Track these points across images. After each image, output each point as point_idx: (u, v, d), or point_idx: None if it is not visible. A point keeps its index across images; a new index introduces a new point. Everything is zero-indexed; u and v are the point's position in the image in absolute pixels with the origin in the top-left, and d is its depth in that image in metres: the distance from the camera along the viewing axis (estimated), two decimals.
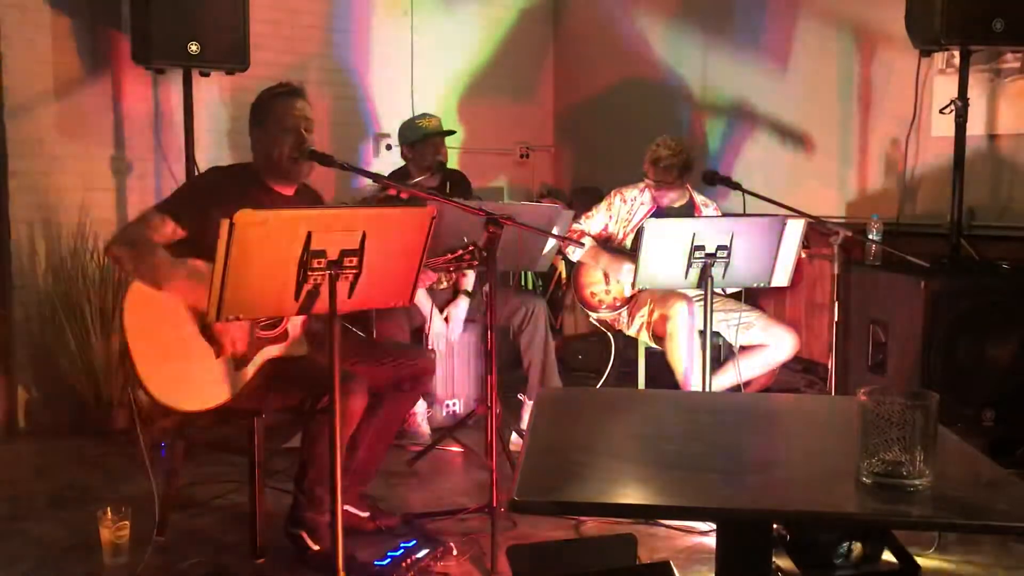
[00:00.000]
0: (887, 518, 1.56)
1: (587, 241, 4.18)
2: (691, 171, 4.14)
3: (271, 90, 2.96)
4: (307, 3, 5.20)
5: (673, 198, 4.20)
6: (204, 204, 2.73)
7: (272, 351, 2.84)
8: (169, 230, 2.75)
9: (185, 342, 2.69)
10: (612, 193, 4.27)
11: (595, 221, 4.25)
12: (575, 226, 4.20)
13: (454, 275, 4.24)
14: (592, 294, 4.25)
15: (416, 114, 4.57)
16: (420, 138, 4.30)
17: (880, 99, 4.57)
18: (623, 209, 4.21)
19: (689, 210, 4.22)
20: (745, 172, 5.08)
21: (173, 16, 4.01)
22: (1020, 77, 4.00)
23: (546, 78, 6.39)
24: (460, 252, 2.93)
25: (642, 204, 4.21)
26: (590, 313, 4.31)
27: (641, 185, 4.23)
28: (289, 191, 2.98)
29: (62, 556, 2.93)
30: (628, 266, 3.99)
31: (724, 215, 4.34)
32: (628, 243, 4.18)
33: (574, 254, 4.20)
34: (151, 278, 2.65)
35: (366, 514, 3.08)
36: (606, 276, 4.21)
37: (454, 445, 3.99)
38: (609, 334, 4.33)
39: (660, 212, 4.17)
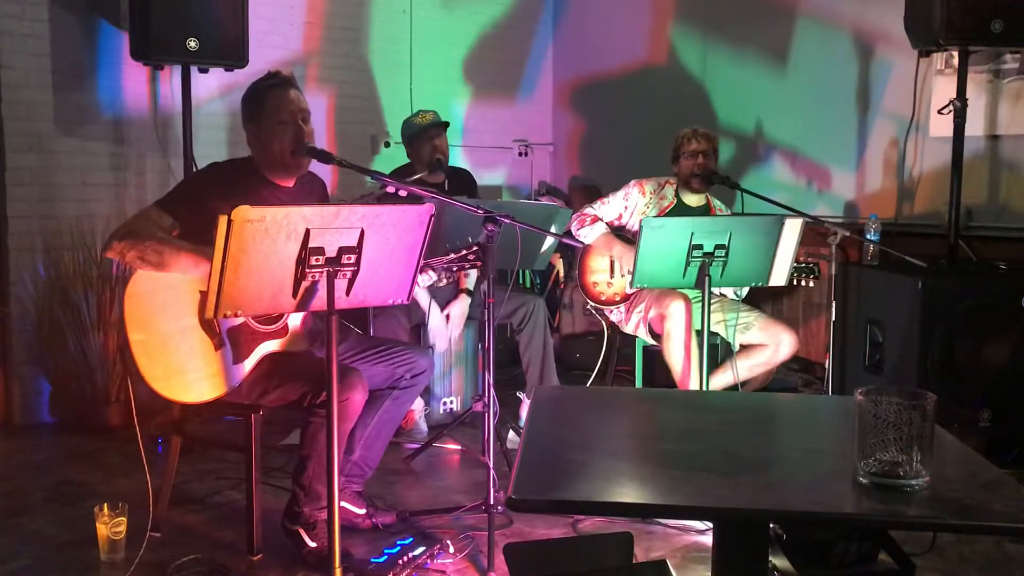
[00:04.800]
0: (884, 518, 1.56)
1: (600, 226, 4.14)
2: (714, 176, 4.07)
3: (261, 82, 2.93)
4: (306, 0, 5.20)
5: (696, 199, 4.17)
6: (203, 200, 2.73)
7: (271, 346, 2.84)
8: (167, 225, 2.75)
9: (184, 334, 2.70)
10: (632, 183, 4.18)
11: (610, 208, 4.17)
12: (588, 210, 4.16)
13: (455, 273, 4.24)
14: (594, 283, 4.22)
15: (414, 112, 4.57)
16: (416, 132, 4.32)
17: (879, 99, 4.58)
18: (641, 202, 4.15)
19: (705, 213, 4.18)
20: (744, 171, 5.08)
21: (172, 12, 4.01)
22: (1019, 78, 4.00)
23: (545, 76, 6.39)
24: (464, 252, 2.92)
25: (663, 199, 4.16)
26: (587, 300, 4.28)
27: (663, 180, 4.19)
28: (290, 183, 2.98)
29: (59, 552, 2.93)
30: None
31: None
32: None
33: (587, 237, 4.13)
34: (156, 259, 2.63)
35: (362, 511, 3.08)
36: (611, 267, 4.18)
37: (451, 443, 3.99)
38: (605, 332, 4.32)
39: (679, 211, 4.13)
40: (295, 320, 2.88)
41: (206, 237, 2.60)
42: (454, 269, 2.96)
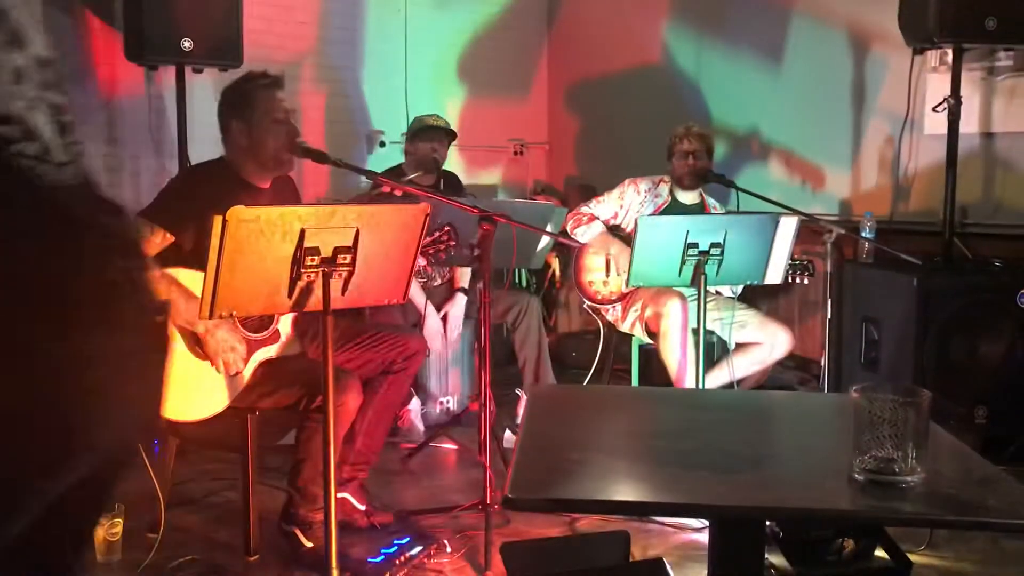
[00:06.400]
0: (879, 515, 1.56)
1: (597, 225, 4.13)
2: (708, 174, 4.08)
3: (248, 80, 2.91)
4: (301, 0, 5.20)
5: (690, 197, 4.17)
6: (183, 207, 2.73)
7: (266, 353, 2.83)
8: (159, 239, 2.73)
9: (180, 356, 2.69)
10: (626, 182, 4.18)
11: (606, 207, 4.17)
12: (584, 209, 4.16)
13: (447, 271, 4.24)
14: (590, 282, 4.21)
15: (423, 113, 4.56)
16: (423, 128, 4.29)
17: (873, 97, 4.58)
18: (636, 200, 4.14)
19: (700, 211, 4.18)
20: (739, 170, 5.09)
21: (166, 12, 3.99)
22: (1013, 75, 4.01)
23: (540, 75, 6.39)
24: (437, 234, 2.91)
25: (657, 197, 4.16)
26: (584, 299, 4.28)
27: (657, 179, 4.19)
28: (266, 184, 2.95)
29: None
30: None
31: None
32: None
33: (583, 235, 4.14)
34: None
35: (363, 507, 3.08)
36: (607, 266, 4.18)
37: (448, 442, 3.99)
38: (602, 330, 4.32)
39: (673, 208, 4.13)
40: (286, 325, 2.87)
41: (192, 245, 2.62)
42: (430, 252, 2.94)
